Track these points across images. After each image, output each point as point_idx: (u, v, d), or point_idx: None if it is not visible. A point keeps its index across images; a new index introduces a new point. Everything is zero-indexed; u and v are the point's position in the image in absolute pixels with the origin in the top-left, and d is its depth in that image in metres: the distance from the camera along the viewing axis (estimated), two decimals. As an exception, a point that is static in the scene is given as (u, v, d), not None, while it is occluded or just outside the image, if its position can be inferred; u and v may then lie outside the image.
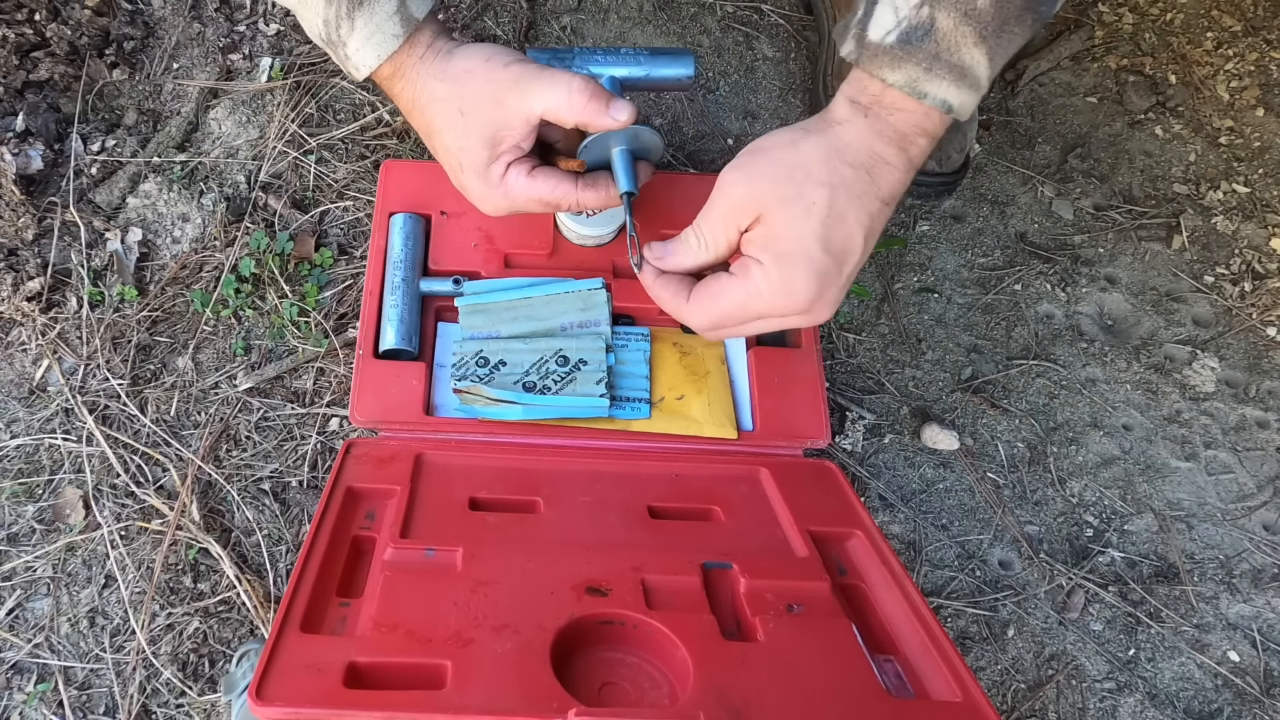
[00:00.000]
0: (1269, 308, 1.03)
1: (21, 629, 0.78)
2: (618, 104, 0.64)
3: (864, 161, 0.57)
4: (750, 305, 0.60)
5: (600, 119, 0.64)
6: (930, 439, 0.92)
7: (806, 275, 0.57)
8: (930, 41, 0.54)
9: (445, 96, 0.64)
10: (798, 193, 0.57)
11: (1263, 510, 0.94)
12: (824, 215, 0.56)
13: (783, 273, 0.57)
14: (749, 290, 0.59)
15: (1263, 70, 1.18)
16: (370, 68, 0.64)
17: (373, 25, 0.62)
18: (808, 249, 0.57)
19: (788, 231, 0.57)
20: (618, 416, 0.79)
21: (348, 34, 0.63)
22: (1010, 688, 0.84)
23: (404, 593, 0.59)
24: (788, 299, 0.58)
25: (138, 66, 1.00)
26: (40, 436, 0.84)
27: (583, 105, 0.63)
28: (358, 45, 0.63)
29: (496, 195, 0.68)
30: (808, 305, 0.58)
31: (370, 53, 0.63)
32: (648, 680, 0.56)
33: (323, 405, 0.87)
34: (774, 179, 0.58)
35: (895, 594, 0.63)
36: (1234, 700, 0.85)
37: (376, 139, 0.99)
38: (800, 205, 0.57)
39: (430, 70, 0.65)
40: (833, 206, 0.57)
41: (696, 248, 0.62)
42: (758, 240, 0.59)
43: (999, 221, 1.06)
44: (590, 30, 1.09)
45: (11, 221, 0.89)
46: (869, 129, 0.57)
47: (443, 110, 0.65)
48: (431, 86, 0.65)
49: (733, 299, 0.60)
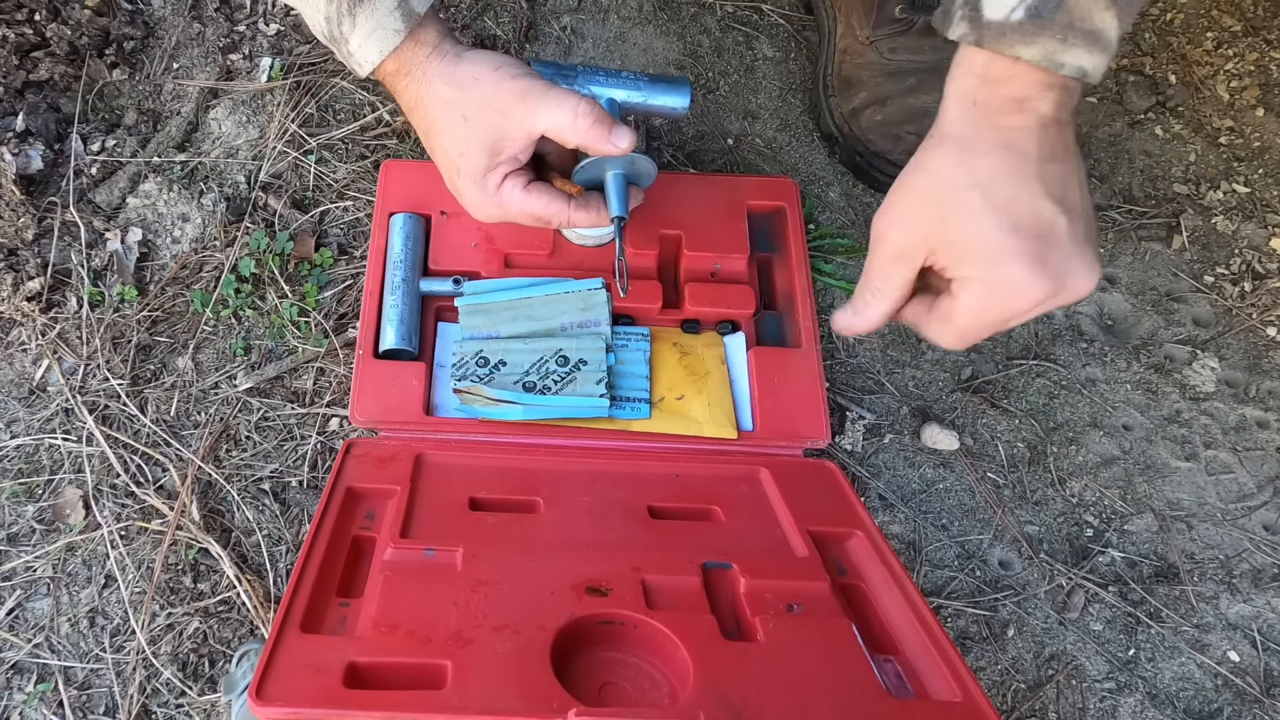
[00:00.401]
0: (1269, 308, 1.03)
1: (21, 629, 0.78)
2: (619, 131, 0.65)
3: (994, 142, 0.56)
4: (987, 314, 0.58)
5: (602, 144, 0.65)
6: (930, 439, 0.92)
7: (1019, 264, 0.55)
8: (1063, 12, 0.53)
9: (450, 100, 0.65)
10: (951, 209, 0.56)
11: (1263, 510, 0.94)
12: (989, 209, 0.55)
13: (996, 277, 0.56)
14: (975, 306, 0.58)
15: (1263, 70, 1.17)
16: (373, 64, 0.64)
17: (374, 21, 0.63)
18: (1002, 244, 0.55)
19: (972, 243, 0.56)
20: (618, 416, 0.79)
21: (349, 30, 0.63)
22: (1010, 688, 0.84)
23: (404, 593, 0.59)
24: (1016, 294, 0.56)
25: (138, 66, 1.00)
26: (40, 436, 0.84)
27: (586, 129, 0.64)
28: (359, 41, 0.64)
29: (490, 203, 0.69)
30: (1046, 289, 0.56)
31: (372, 48, 0.64)
32: (648, 680, 0.56)
33: (323, 405, 0.87)
34: (923, 211, 0.57)
35: (895, 594, 0.63)
36: (1234, 700, 0.85)
37: (376, 139, 0.99)
38: (961, 215, 0.55)
39: (436, 71, 0.65)
40: (991, 197, 0.55)
41: (874, 301, 0.62)
42: (950, 263, 0.58)
43: (999, 221, 1.06)
44: (590, 30, 1.09)
45: (11, 221, 0.89)
46: (983, 114, 0.56)
47: (446, 113, 0.65)
48: (437, 88, 0.65)
49: (966, 315, 0.59)
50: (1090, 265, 0.56)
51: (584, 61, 1.07)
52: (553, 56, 1.07)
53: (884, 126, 0.99)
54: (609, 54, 1.08)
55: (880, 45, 1.01)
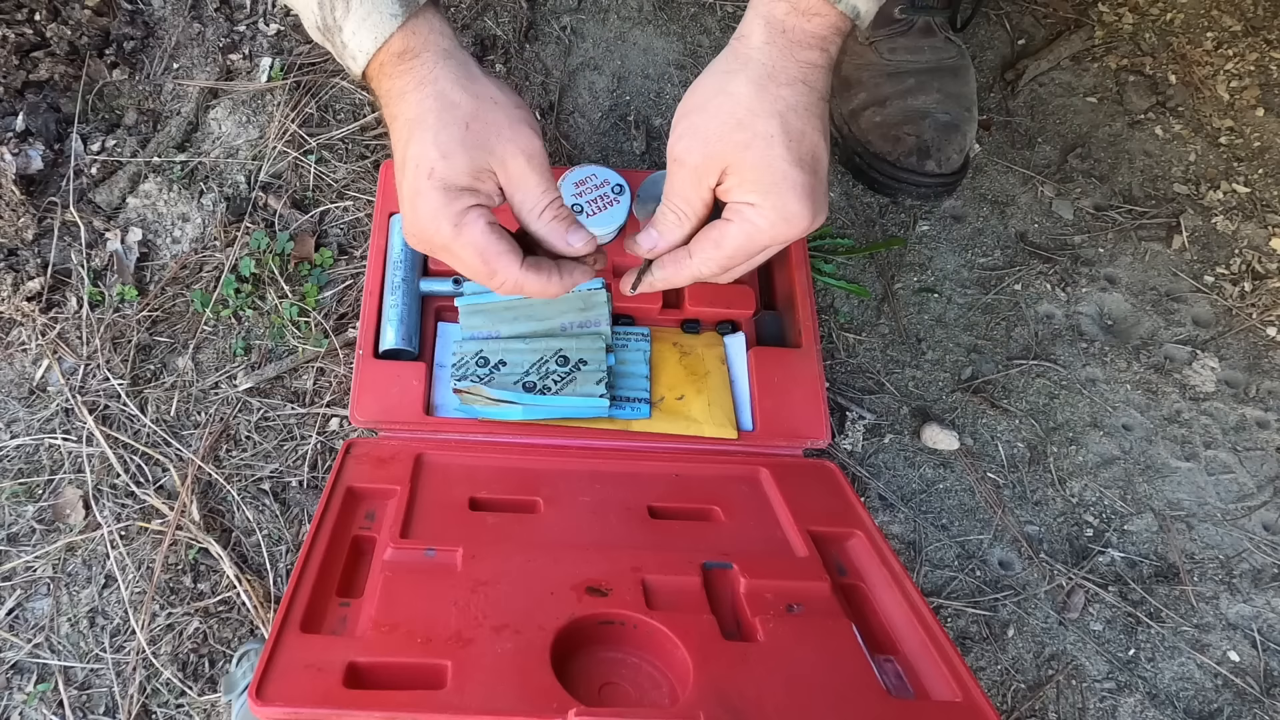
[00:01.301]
0: (1269, 308, 1.03)
1: (21, 629, 0.78)
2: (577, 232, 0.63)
3: (796, 75, 0.59)
4: (755, 240, 0.61)
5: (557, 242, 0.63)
6: (930, 439, 0.92)
7: (797, 196, 0.59)
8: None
9: (457, 103, 0.60)
10: (752, 134, 0.58)
11: (1263, 510, 0.94)
12: (785, 140, 0.58)
13: (775, 204, 0.59)
14: (750, 230, 0.61)
15: (1263, 70, 1.17)
16: (367, 53, 0.60)
17: (368, 7, 0.59)
18: (787, 174, 0.58)
19: (761, 168, 0.59)
20: (618, 416, 0.79)
21: (342, 16, 0.60)
22: (1010, 688, 0.84)
23: (404, 593, 0.59)
24: (788, 224, 0.60)
25: (138, 66, 1.00)
26: (40, 436, 0.84)
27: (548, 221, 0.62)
28: (354, 28, 0.60)
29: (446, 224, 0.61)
30: (809, 223, 0.60)
31: (367, 35, 0.60)
32: (648, 680, 0.56)
33: (323, 405, 0.87)
34: (723, 132, 0.59)
35: (895, 594, 0.63)
36: (1234, 700, 0.85)
37: (376, 139, 0.99)
38: (760, 143, 0.58)
39: (448, 73, 0.61)
40: (788, 128, 0.58)
41: (677, 222, 0.64)
42: (736, 187, 0.60)
43: (999, 221, 1.06)
44: (590, 30, 1.09)
45: (11, 221, 0.89)
46: (789, 43, 0.59)
47: (448, 114, 0.60)
48: (444, 86, 0.61)
49: (736, 241, 0.61)
50: (827, 203, 0.62)
51: (583, 62, 1.07)
52: (553, 56, 1.07)
53: (883, 127, 0.99)
54: (609, 54, 1.08)
55: (880, 46, 1.01)
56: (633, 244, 0.66)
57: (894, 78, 1.00)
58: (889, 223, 1.04)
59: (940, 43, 1.01)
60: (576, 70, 1.07)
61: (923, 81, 0.99)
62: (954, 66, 1.01)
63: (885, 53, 1.01)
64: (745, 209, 0.60)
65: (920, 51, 1.01)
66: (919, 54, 1.01)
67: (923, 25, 1.01)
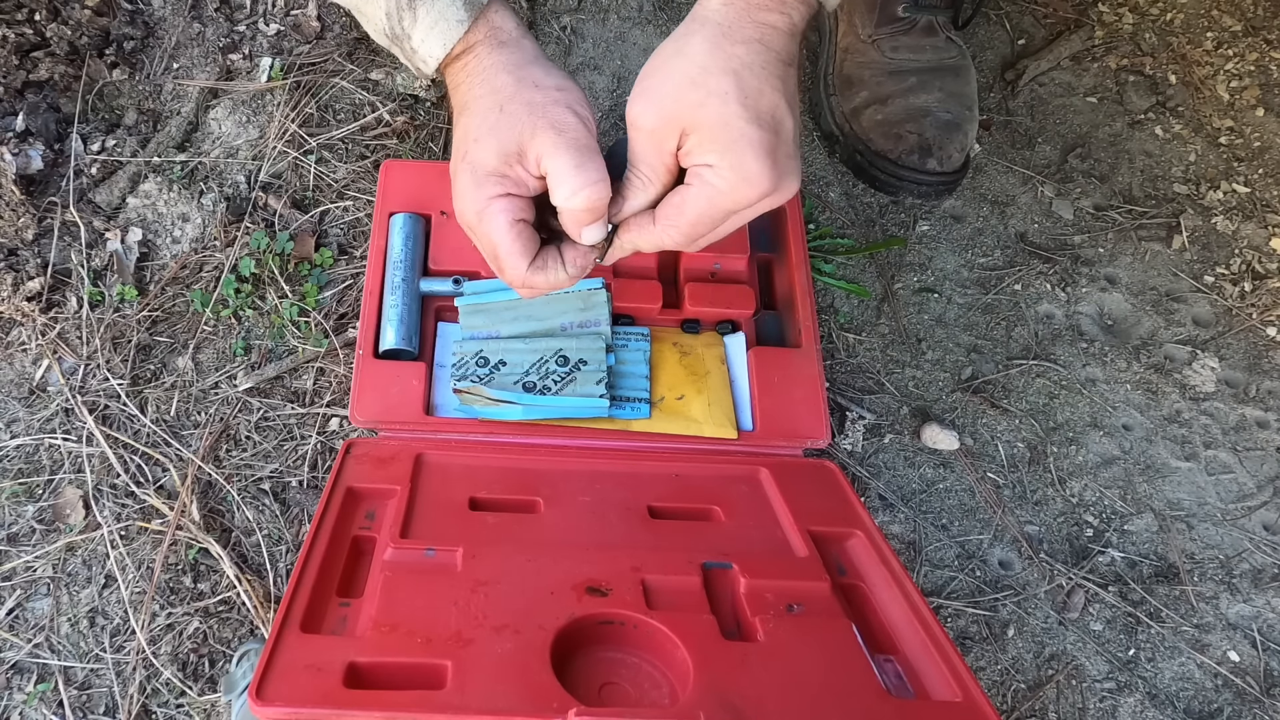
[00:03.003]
0: (1269, 308, 1.03)
1: (21, 629, 0.78)
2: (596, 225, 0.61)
3: (752, 35, 0.57)
4: (717, 204, 0.59)
5: (573, 227, 0.62)
6: (930, 439, 0.92)
7: (755, 154, 0.57)
8: None
9: (500, 87, 0.61)
10: (706, 92, 0.57)
11: (1263, 510, 0.94)
12: (740, 97, 0.56)
13: (733, 163, 0.57)
14: (710, 192, 0.59)
15: (1263, 70, 1.17)
16: (437, 59, 0.62)
17: (435, 12, 0.60)
18: (744, 131, 0.57)
19: (717, 127, 0.57)
20: (618, 416, 0.79)
21: (410, 25, 0.61)
22: (1010, 688, 0.84)
23: (404, 593, 0.59)
24: (748, 184, 0.58)
25: (138, 66, 1.00)
26: (40, 436, 0.84)
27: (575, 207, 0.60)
28: (422, 36, 0.61)
29: (472, 208, 0.63)
30: (771, 184, 0.58)
31: (435, 42, 0.61)
32: (648, 680, 0.56)
33: (323, 405, 0.87)
34: (678, 93, 0.58)
35: (895, 594, 0.63)
36: (1234, 700, 0.85)
37: (376, 139, 0.99)
38: (715, 101, 0.57)
39: (503, 61, 0.62)
40: (742, 86, 0.57)
41: (641, 187, 0.62)
42: (695, 148, 0.58)
43: (999, 221, 1.06)
44: (590, 30, 1.09)
45: (11, 221, 0.89)
46: (744, 7, 0.58)
47: (489, 97, 0.61)
48: (494, 74, 0.61)
49: (697, 205, 0.60)
50: (798, 170, 0.60)
51: (583, 62, 1.07)
52: (553, 56, 1.07)
53: (885, 126, 0.99)
54: (609, 54, 1.08)
55: (882, 44, 1.01)
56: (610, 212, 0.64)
57: (896, 76, 1.00)
58: (889, 222, 1.04)
59: (942, 42, 1.01)
60: (576, 70, 1.06)
61: (924, 80, 0.99)
62: (955, 66, 1.01)
63: (887, 51, 1.01)
64: (704, 171, 0.58)
65: (922, 50, 1.01)
66: (921, 53, 1.01)
67: (925, 24, 1.01)
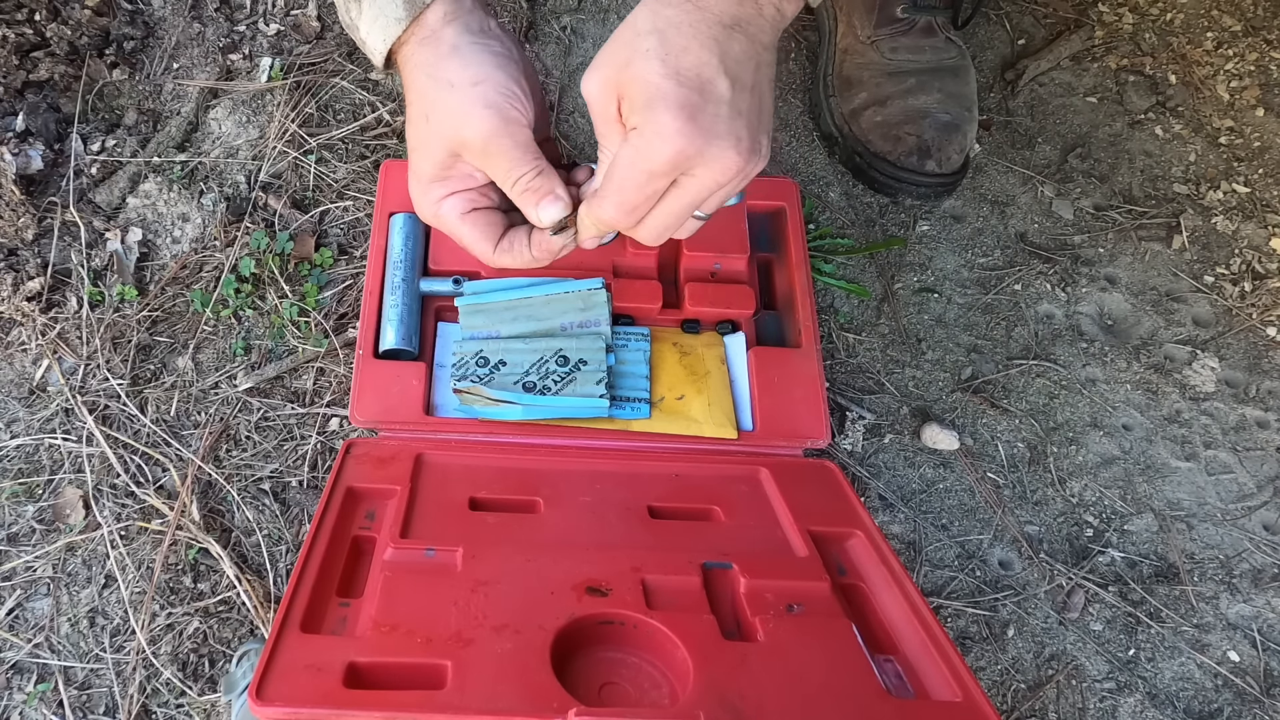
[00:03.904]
0: (1269, 308, 1.03)
1: (21, 629, 0.78)
2: (548, 204, 0.61)
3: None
4: (638, 167, 0.56)
5: (529, 211, 0.62)
6: (930, 439, 0.92)
7: (669, 110, 0.54)
8: None
9: (422, 93, 0.62)
10: (631, 50, 0.55)
11: (1263, 510, 0.94)
12: (661, 54, 0.54)
13: (649, 119, 0.55)
14: (631, 155, 0.56)
15: (1263, 70, 1.17)
16: (380, 53, 0.62)
17: (376, 9, 0.61)
18: (659, 87, 0.54)
19: (638, 84, 0.55)
20: (618, 416, 0.79)
21: (358, 16, 0.62)
22: (1010, 688, 0.84)
23: (404, 593, 0.59)
24: (662, 140, 0.54)
25: (138, 66, 1.00)
26: (40, 436, 0.84)
27: (519, 194, 0.61)
28: (366, 28, 0.62)
29: (428, 211, 0.66)
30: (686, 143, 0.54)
31: (377, 36, 0.62)
32: (648, 680, 0.56)
33: (323, 405, 0.87)
34: (611, 55, 0.57)
35: (895, 594, 0.63)
36: (1234, 700, 0.85)
37: (376, 139, 0.99)
38: (639, 59, 0.55)
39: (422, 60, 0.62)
40: (666, 43, 0.55)
41: (602, 160, 0.61)
42: (627, 113, 0.57)
43: (999, 221, 1.06)
44: (590, 30, 1.09)
45: (11, 221, 0.89)
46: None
47: (416, 104, 0.62)
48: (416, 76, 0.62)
49: (622, 171, 0.57)
50: (741, 141, 0.55)
51: (583, 62, 1.07)
52: (553, 56, 1.07)
53: (884, 127, 0.99)
54: (609, 54, 1.08)
55: (881, 45, 1.01)
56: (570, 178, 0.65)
57: (895, 77, 1.00)
58: (889, 223, 1.04)
59: (941, 43, 1.01)
60: (576, 70, 1.06)
61: (924, 81, 0.99)
62: (955, 66, 1.01)
63: (886, 52, 1.01)
64: (631, 134, 0.56)
65: (921, 51, 1.01)
66: (920, 54, 1.01)
67: (924, 25, 1.01)
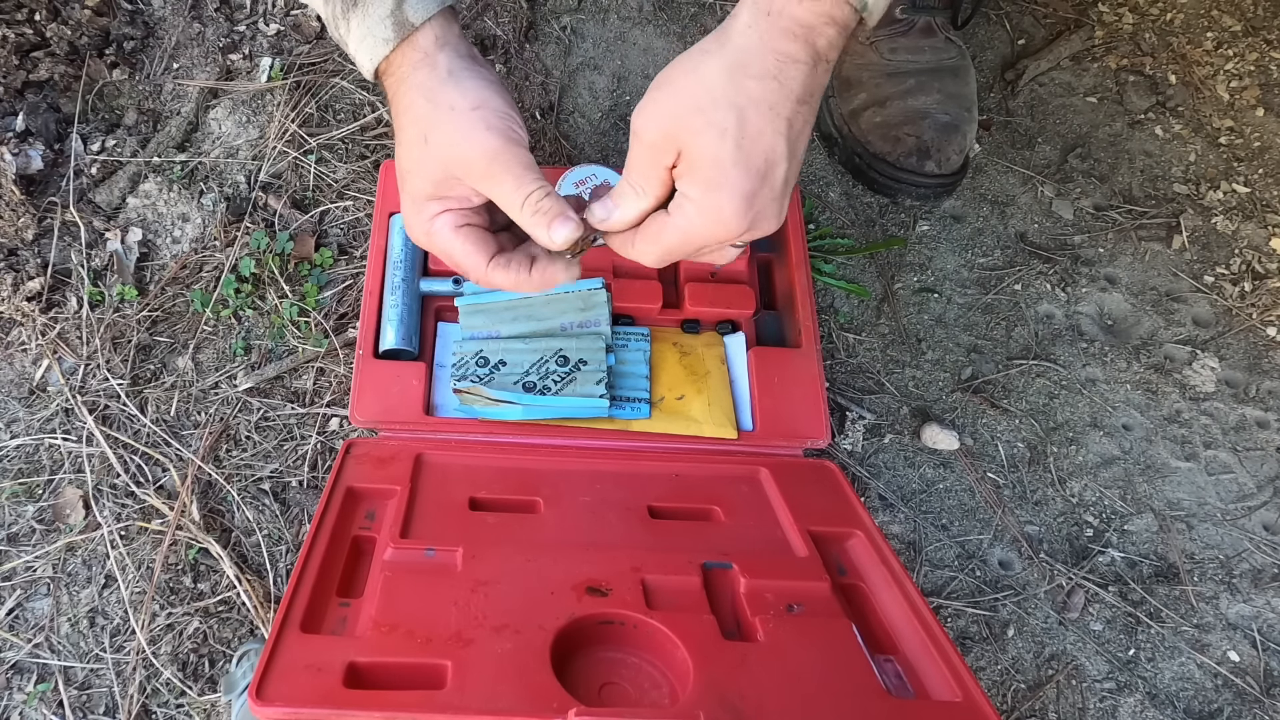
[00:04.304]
0: (1269, 308, 1.03)
1: (21, 629, 0.78)
2: (560, 224, 0.61)
3: (769, 69, 0.56)
4: (690, 239, 0.59)
5: (538, 234, 0.62)
6: (930, 439, 0.92)
7: (732, 200, 0.56)
8: None
9: (420, 116, 0.62)
10: (707, 121, 0.56)
11: (1263, 510, 0.94)
12: (737, 137, 0.56)
13: (710, 203, 0.57)
14: (684, 226, 0.59)
15: (1263, 70, 1.17)
16: (368, 70, 0.63)
17: (364, 29, 0.61)
18: (727, 175, 0.56)
19: (706, 162, 0.56)
20: (618, 416, 0.79)
21: (345, 33, 0.63)
22: (1010, 688, 0.84)
23: (404, 593, 0.59)
24: (722, 227, 0.58)
25: (138, 66, 1.00)
26: (40, 436, 0.84)
27: (527, 218, 0.61)
28: (355, 46, 0.63)
29: (420, 230, 0.65)
30: (742, 228, 0.58)
31: (365, 55, 0.62)
32: (648, 680, 0.56)
33: (323, 405, 0.87)
34: (682, 112, 0.57)
35: (895, 594, 0.63)
36: (1234, 700, 0.85)
37: (376, 139, 0.99)
38: (712, 133, 0.56)
39: (418, 83, 0.62)
40: (744, 126, 0.56)
41: (634, 198, 0.61)
42: (684, 175, 0.58)
43: (999, 221, 1.06)
44: (590, 30, 1.09)
45: (11, 221, 0.89)
46: (771, 29, 0.56)
47: (412, 128, 0.63)
48: (413, 98, 0.62)
49: (672, 236, 0.60)
50: (778, 214, 0.59)
51: (583, 62, 1.07)
52: (553, 56, 1.07)
53: (883, 128, 0.99)
54: (609, 54, 1.08)
55: (881, 46, 1.01)
56: (589, 212, 0.64)
57: (894, 78, 1.00)
58: (889, 223, 1.04)
59: (941, 43, 1.01)
60: (576, 70, 1.07)
61: (923, 82, 0.99)
62: (954, 67, 1.01)
63: (886, 53, 1.01)
64: (685, 204, 0.58)
65: (921, 52, 1.01)
66: (919, 54, 1.01)
67: (924, 25, 1.01)
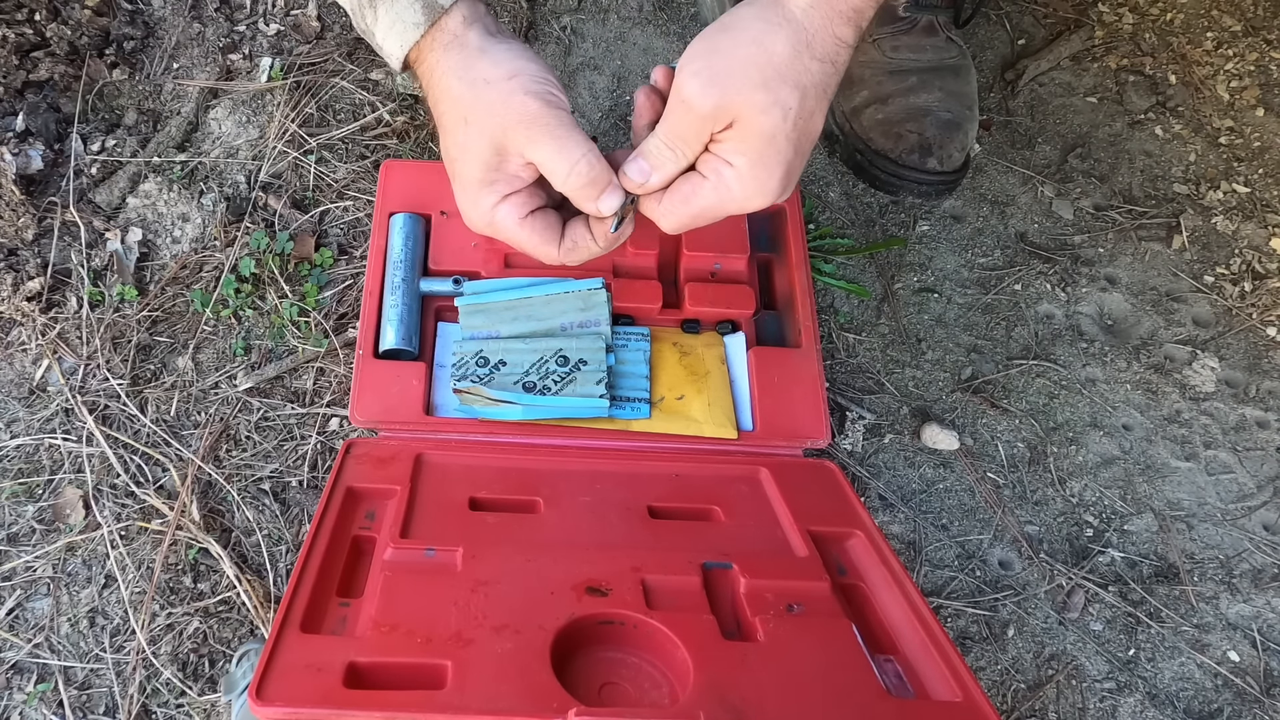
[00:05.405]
0: (1269, 308, 1.03)
1: (21, 629, 0.78)
2: (609, 195, 0.61)
3: (829, 52, 0.57)
4: (724, 206, 0.60)
5: (587, 204, 0.62)
6: (930, 439, 0.92)
7: (775, 174, 0.58)
8: None
9: (457, 97, 0.61)
10: (773, 99, 0.56)
11: (1263, 510, 0.94)
12: (797, 117, 0.57)
13: (758, 175, 0.58)
14: (723, 193, 0.59)
15: (1263, 70, 1.17)
16: (397, 58, 0.62)
17: (393, 14, 0.60)
18: (780, 151, 0.57)
19: (763, 136, 0.57)
20: (618, 416, 0.79)
21: (373, 23, 0.62)
22: (1010, 688, 0.84)
23: (404, 593, 0.59)
24: (760, 198, 0.59)
25: (138, 66, 1.00)
26: (40, 436, 0.84)
27: (576, 187, 0.61)
28: (382, 35, 0.61)
29: (481, 220, 0.65)
30: (776, 198, 0.60)
31: (393, 42, 0.61)
32: (648, 680, 0.56)
33: (323, 405, 0.87)
34: (746, 86, 0.57)
35: (895, 594, 0.63)
36: (1234, 700, 0.85)
37: (376, 139, 0.99)
38: (777, 111, 0.56)
39: (451, 65, 0.61)
40: (804, 106, 0.57)
41: (673, 160, 0.60)
42: (730, 144, 0.58)
43: (999, 221, 1.06)
44: (590, 30, 1.09)
45: (11, 221, 0.89)
46: (832, 12, 0.57)
47: (451, 111, 0.62)
48: (448, 82, 0.61)
49: (707, 201, 0.60)
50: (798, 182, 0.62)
51: (583, 62, 1.07)
52: (553, 56, 1.07)
53: (885, 125, 0.99)
54: (609, 54, 1.08)
55: (883, 43, 1.01)
56: (623, 175, 0.63)
57: (896, 75, 1.00)
58: (889, 222, 1.04)
59: (942, 42, 1.01)
60: (576, 70, 1.07)
61: (925, 80, 0.99)
62: (956, 65, 1.01)
63: (888, 51, 1.01)
64: (725, 170, 0.58)
65: (923, 50, 1.01)
66: (921, 52, 1.01)
67: (926, 24, 1.01)
